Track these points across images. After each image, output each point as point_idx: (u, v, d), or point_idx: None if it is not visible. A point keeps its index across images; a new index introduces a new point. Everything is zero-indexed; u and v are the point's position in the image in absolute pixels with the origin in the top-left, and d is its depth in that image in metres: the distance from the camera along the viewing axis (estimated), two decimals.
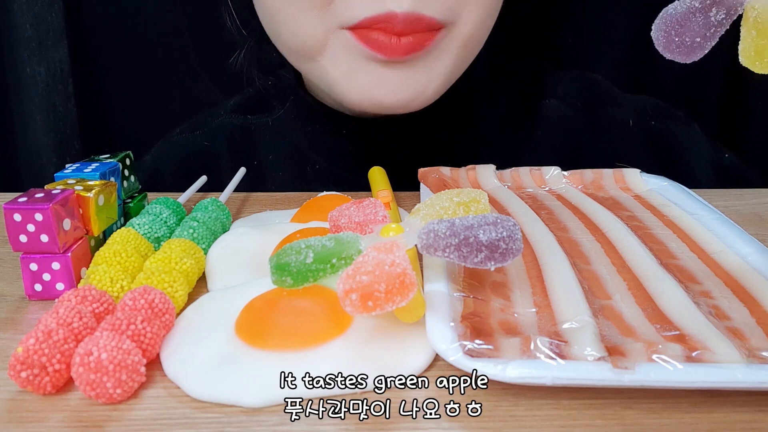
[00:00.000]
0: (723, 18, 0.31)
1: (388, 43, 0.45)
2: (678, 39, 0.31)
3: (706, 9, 0.31)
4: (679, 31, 0.31)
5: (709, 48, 0.31)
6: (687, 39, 0.31)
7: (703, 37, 0.31)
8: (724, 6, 0.30)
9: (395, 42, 0.45)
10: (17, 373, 0.29)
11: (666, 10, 0.31)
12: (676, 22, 0.31)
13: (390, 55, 0.45)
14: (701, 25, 0.31)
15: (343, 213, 0.36)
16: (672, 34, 0.31)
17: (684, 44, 0.31)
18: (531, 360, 0.29)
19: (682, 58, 0.32)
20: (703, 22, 0.31)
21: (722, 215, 0.44)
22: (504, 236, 0.30)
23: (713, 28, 0.31)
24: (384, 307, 0.28)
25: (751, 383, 0.28)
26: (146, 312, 0.32)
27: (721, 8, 0.31)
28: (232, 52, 0.63)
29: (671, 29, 0.31)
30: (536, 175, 0.52)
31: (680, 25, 0.31)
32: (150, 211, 0.44)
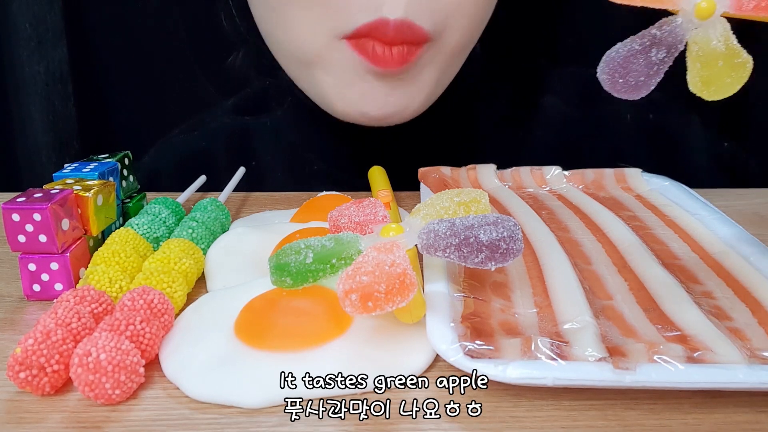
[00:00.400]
0: (664, 56, 0.32)
1: (382, 54, 0.45)
2: (622, 80, 0.32)
3: (646, 50, 0.32)
4: (622, 72, 0.32)
5: (654, 84, 0.33)
6: (631, 79, 0.32)
7: (647, 76, 0.32)
8: (664, 46, 0.32)
9: (388, 53, 0.45)
10: (16, 374, 0.29)
11: (608, 53, 0.33)
12: (619, 65, 0.32)
13: (384, 66, 0.46)
14: (643, 66, 0.32)
15: (343, 213, 0.36)
16: (615, 76, 0.32)
17: (629, 84, 0.32)
18: (532, 360, 0.29)
19: (629, 96, 0.33)
20: (645, 63, 0.32)
21: (724, 215, 0.44)
22: (504, 236, 0.30)
23: (655, 66, 0.32)
24: (384, 308, 0.28)
25: (753, 384, 0.28)
26: (145, 312, 0.32)
27: (661, 48, 0.32)
28: (230, 54, 0.63)
29: (614, 72, 0.32)
30: (537, 174, 0.52)
31: (623, 67, 0.32)
32: (149, 211, 0.43)
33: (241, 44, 0.62)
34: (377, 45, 0.45)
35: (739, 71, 0.33)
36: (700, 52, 0.33)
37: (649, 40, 0.32)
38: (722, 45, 0.33)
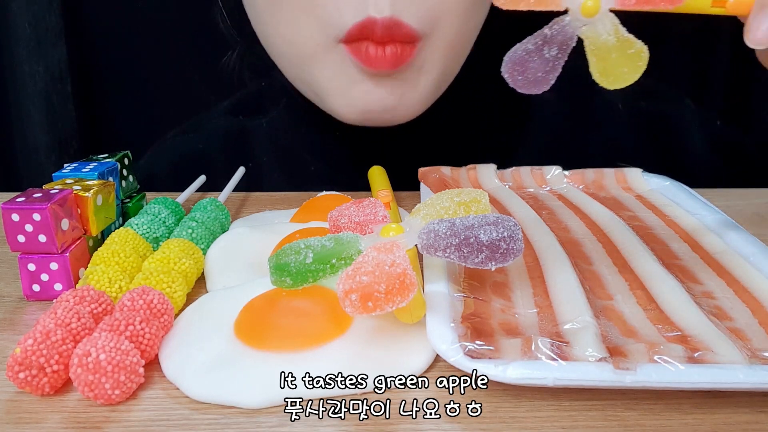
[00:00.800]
0: (557, 53, 0.35)
1: (375, 55, 0.46)
2: (521, 77, 0.35)
3: (539, 49, 0.34)
4: (520, 70, 0.35)
5: (553, 79, 0.35)
6: (530, 76, 0.35)
7: (544, 72, 0.35)
8: (555, 43, 0.34)
9: (381, 53, 0.46)
10: (15, 374, 0.29)
11: (508, 53, 0.35)
12: (517, 63, 0.35)
13: (377, 67, 0.46)
14: (538, 63, 0.35)
15: (342, 213, 0.36)
16: (515, 73, 0.35)
17: (528, 80, 0.35)
18: (532, 361, 0.28)
19: (531, 91, 0.35)
20: (540, 60, 0.35)
21: (724, 215, 0.44)
22: (505, 236, 0.30)
23: (551, 62, 0.35)
24: (384, 308, 0.28)
25: (753, 384, 0.28)
26: (145, 312, 0.32)
27: (552, 46, 0.34)
28: (225, 54, 0.63)
29: (514, 69, 0.35)
30: (537, 174, 0.52)
31: (520, 65, 0.35)
32: (148, 211, 0.43)
33: (236, 45, 0.62)
34: (370, 46, 0.46)
35: (634, 61, 0.35)
36: (593, 46, 0.35)
37: (541, 40, 0.34)
38: (613, 38, 0.35)
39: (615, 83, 0.36)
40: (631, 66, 0.35)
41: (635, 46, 0.35)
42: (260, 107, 0.65)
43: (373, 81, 0.48)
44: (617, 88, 0.36)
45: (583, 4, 0.34)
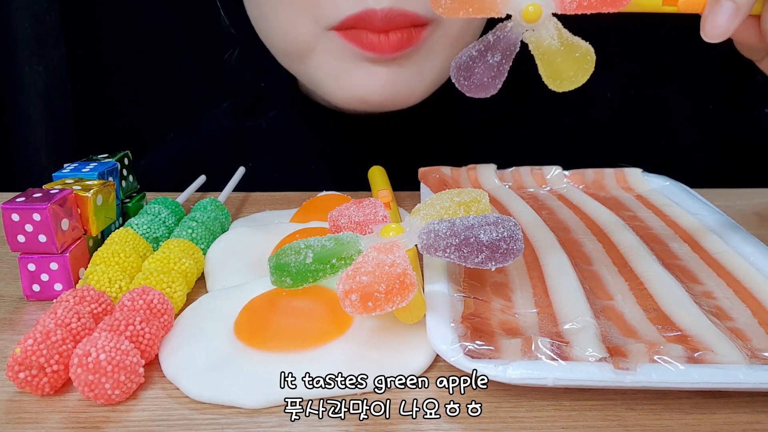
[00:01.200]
0: (500, 59, 0.35)
1: (377, 41, 0.45)
2: (467, 82, 0.36)
3: (483, 55, 0.35)
4: (466, 75, 0.36)
5: (499, 83, 0.36)
6: (476, 80, 0.36)
7: (489, 77, 0.36)
8: (498, 50, 0.35)
9: (384, 39, 0.45)
10: (15, 374, 0.29)
11: (454, 59, 0.36)
12: (462, 69, 0.36)
13: (380, 52, 0.46)
14: (483, 68, 0.35)
15: (342, 213, 0.36)
16: (461, 78, 0.36)
17: (475, 84, 0.36)
18: (532, 361, 0.28)
19: (478, 95, 0.36)
20: (484, 66, 0.35)
21: (724, 215, 0.44)
22: (505, 236, 0.30)
23: (495, 68, 0.36)
24: (384, 308, 0.28)
25: (753, 384, 0.28)
26: (145, 313, 0.32)
27: (495, 52, 0.35)
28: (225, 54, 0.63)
29: (460, 74, 0.36)
30: (537, 174, 0.52)
31: (466, 70, 0.36)
32: (148, 211, 0.43)
33: (236, 45, 0.62)
34: (369, 34, 0.45)
35: (581, 64, 0.35)
36: (538, 51, 0.36)
37: (485, 46, 0.35)
38: (556, 42, 0.35)
39: (563, 86, 0.36)
40: (578, 68, 0.36)
41: (580, 49, 0.35)
42: (260, 107, 0.65)
43: (370, 67, 0.47)
44: (567, 90, 0.36)
45: (524, 9, 0.34)
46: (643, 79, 0.64)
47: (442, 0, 0.34)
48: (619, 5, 0.34)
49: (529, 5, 0.34)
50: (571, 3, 0.34)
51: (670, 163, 0.58)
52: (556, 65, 0.36)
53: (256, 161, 0.62)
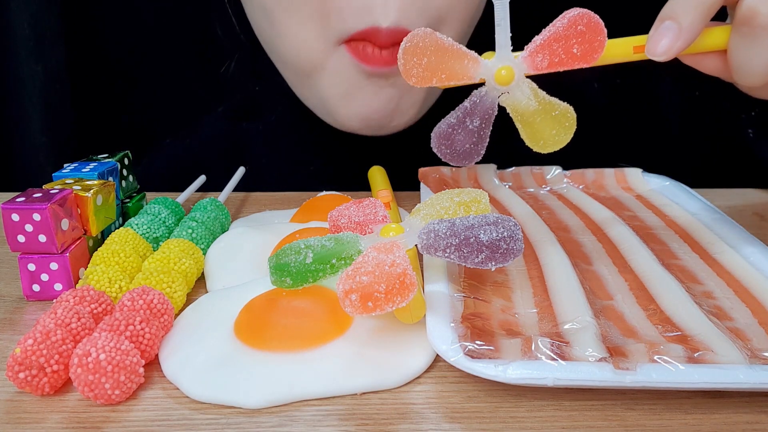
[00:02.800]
0: (479, 124, 0.36)
1: (371, 54, 0.46)
2: (449, 150, 0.36)
3: (462, 121, 0.36)
4: (447, 144, 0.36)
5: (482, 149, 0.37)
6: (458, 148, 0.36)
7: (471, 143, 0.36)
8: (477, 115, 0.36)
9: (377, 53, 0.46)
10: (15, 374, 0.29)
11: (435, 128, 0.36)
12: (443, 137, 0.36)
13: (373, 64, 0.47)
14: (464, 135, 0.36)
15: (343, 213, 0.36)
16: (443, 148, 0.36)
17: (457, 152, 0.36)
18: (532, 361, 0.28)
19: (464, 164, 0.37)
20: (464, 132, 0.36)
21: (724, 215, 0.44)
22: (505, 236, 0.30)
23: (476, 133, 0.36)
24: (384, 308, 0.28)
25: (753, 384, 0.28)
26: (145, 313, 0.32)
27: (474, 117, 0.36)
28: (225, 59, 0.63)
29: (442, 144, 0.36)
30: (537, 174, 0.52)
31: (446, 139, 0.36)
32: (148, 211, 0.43)
33: (236, 49, 0.62)
34: (368, 46, 0.46)
35: (561, 122, 0.36)
36: (515, 113, 0.36)
37: (462, 113, 0.36)
38: (534, 102, 0.36)
39: (547, 146, 0.37)
40: (560, 127, 0.36)
41: (559, 108, 0.36)
42: (260, 110, 0.65)
43: (373, 85, 0.48)
44: (551, 151, 0.37)
45: (496, 73, 0.35)
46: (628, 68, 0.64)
47: (414, 70, 0.35)
48: (590, 61, 0.35)
49: (501, 68, 0.35)
50: (542, 61, 0.35)
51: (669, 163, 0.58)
52: (536, 126, 0.36)
53: (255, 164, 0.62)
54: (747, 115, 0.62)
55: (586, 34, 0.34)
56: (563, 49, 0.35)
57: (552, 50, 0.35)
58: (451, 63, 0.35)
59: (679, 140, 0.64)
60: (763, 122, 0.61)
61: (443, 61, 0.35)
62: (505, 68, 0.35)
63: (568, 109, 0.36)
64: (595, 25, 0.34)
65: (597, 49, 0.35)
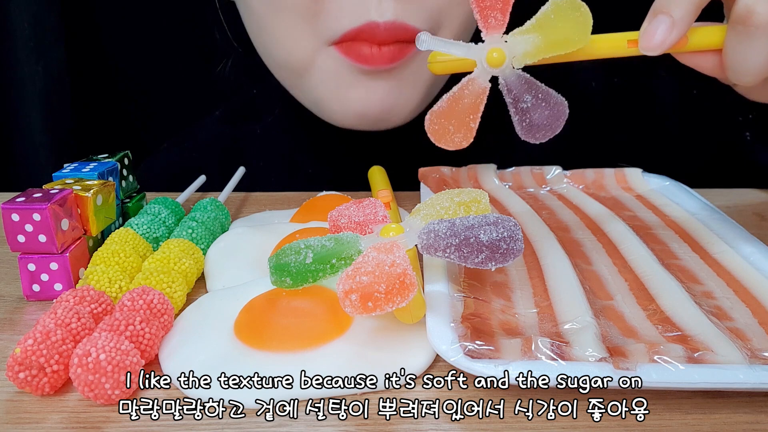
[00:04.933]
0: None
1: (369, 53, 0.46)
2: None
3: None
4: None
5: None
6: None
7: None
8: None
9: (376, 51, 0.46)
10: (15, 374, 0.29)
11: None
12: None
13: (372, 64, 0.46)
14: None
15: (343, 213, 0.36)
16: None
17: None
18: (532, 361, 0.28)
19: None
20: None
21: (724, 215, 0.44)
22: (505, 236, 0.30)
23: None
24: (384, 308, 0.28)
25: (753, 384, 0.28)
26: (145, 313, 0.32)
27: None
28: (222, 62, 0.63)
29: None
30: (537, 174, 0.52)
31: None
32: (148, 211, 0.43)
33: (233, 52, 0.62)
34: (364, 46, 0.46)
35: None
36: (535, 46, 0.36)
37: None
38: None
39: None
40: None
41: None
42: (258, 111, 0.65)
43: (368, 82, 0.48)
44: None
45: (488, 54, 0.36)
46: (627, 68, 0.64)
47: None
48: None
49: (493, 50, 0.36)
50: None
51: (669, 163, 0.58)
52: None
53: (253, 166, 0.62)
54: (744, 118, 0.62)
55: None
56: None
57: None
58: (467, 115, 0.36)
59: (678, 140, 0.65)
60: (759, 125, 0.61)
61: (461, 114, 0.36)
62: (496, 50, 0.36)
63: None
64: None
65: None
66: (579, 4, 0.34)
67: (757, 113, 0.59)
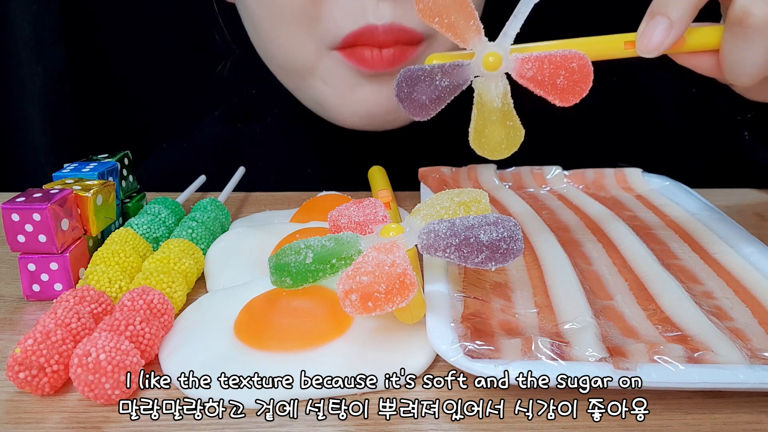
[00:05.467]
0: (446, 85, 0.36)
1: (370, 57, 0.46)
2: (407, 92, 0.36)
3: (434, 74, 0.36)
4: (409, 85, 0.36)
5: (436, 110, 0.37)
6: (415, 95, 0.36)
7: (430, 99, 0.37)
8: (449, 77, 0.36)
9: (377, 54, 0.46)
10: (15, 374, 0.29)
11: (406, 68, 0.36)
12: (409, 78, 0.36)
13: (373, 68, 0.47)
14: (428, 87, 0.36)
15: (343, 213, 0.36)
16: (404, 86, 0.36)
17: (412, 99, 0.36)
18: (532, 361, 0.28)
19: (414, 115, 0.37)
20: (430, 85, 0.36)
21: (724, 215, 0.44)
22: (505, 236, 0.30)
23: (438, 91, 0.36)
24: (384, 308, 0.28)
25: (753, 384, 0.28)
26: (145, 312, 0.32)
27: (445, 78, 0.36)
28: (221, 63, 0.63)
29: (404, 83, 0.36)
30: (537, 174, 0.52)
31: (411, 81, 0.36)
32: (148, 211, 0.43)
33: (232, 52, 0.62)
34: (365, 49, 0.46)
35: (510, 134, 0.38)
36: (478, 101, 0.37)
37: (439, 68, 0.36)
38: (498, 102, 0.37)
39: (484, 149, 0.38)
40: (507, 137, 0.38)
41: (515, 122, 0.37)
42: (258, 111, 0.65)
43: (373, 84, 0.48)
44: (486, 156, 0.38)
45: (485, 55, 0.36)
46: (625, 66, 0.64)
47: (426, 1, 0.36)
48: (563, 100, 0.36)
49: (491, 54, 0.36)
50: (528, 72, 0.36)
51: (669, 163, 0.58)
52: (489, 123, 0.37)
53: (253, 166, 0.62)
54: (743, 117, 0.62)
55: (576, 74, 0.35)
56: (550, 74, 0.35)
57: (541, 68, 0.35)
58: (459, 15, 0.36)
59: (678, 140, 0.65)
60: (758, 125, 0.61)
61: (454, 8, 0.36)
62: (494, 55, 0.36)
63: (521, 130, 0.37)
64: (587, 72, 0.35)
65: (575, 92, 0.36)
66: None
67: (756, 112, 0.59)
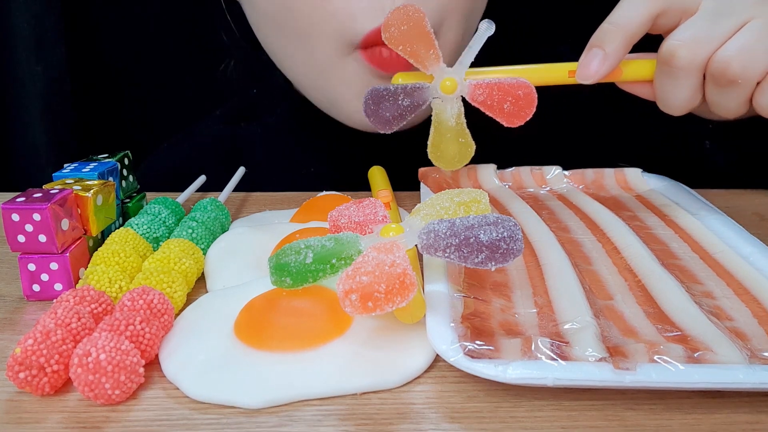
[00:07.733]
0: (408, 104, 0.41)
1: (389, 58, 0.46)
2: (372, 109, 0.41)
3: (397, 94, 0.41)
4: (375, 102, 0.41)
5: (397, 126, 0.42)
6: (380, 112, 0.41)
7: (393, 116, 0.42)
8: (410, 98, 0.41)
9: (394, 55, 0.47)
10: (15, 374, 0.29)
11: (371, 87, 0.42)
12: (376, 96, 0.41)
13: (389, 70, 0.47)
14: (391, 105, 0.41)
15: (343, 213, 0.36)
16: (370, 103, 0.41)
17: (378, 115, 0.42)
18: (532, 361, 0.28)
19: (379, 128, 0.42)
20: (393, 103, 0.41)
21: (724, 215, 0.44)
22: (505, 236, 0.30)
23: (400, 110, 0.41)
24: (384, 308, 0.28)
25: (753, 384, 0.28)
26: (145, 312, 0.32)
27: (407, 98, 0.41)
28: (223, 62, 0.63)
29: (370, 100, 0.41)
30: (537, 174, 0.52)
31: (377, 98, 0.41)
32: (149, 211, 0.43)
33: (234, 52, 0.62)
34: (384, 49, 0.46)
35: (462, 150, 0.43)
36: (436, 118, 0.43)
37: (402, 89, 0.41)
38: (453, 122, 0.42)
39: (440, 161, 0.44)
40: (458, 152, 0.43)
41: (467, 139, 0.43)
42: (259, 111, 0.65)
43: None
44: (442, 167, 0.44)
45: (443, 80, 0.41)
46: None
47: (392, 29, 0.41)
48: (509, 121, 0.42)
49: (448, 80, 0.41)
50: (479, 96, 0.41)
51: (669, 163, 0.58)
52: (444, 139, 0.43)
53: (254, 166, 0.62)
54: (704, 128, 0.63)
55: (521, 100, 0.41)
56: (498, 99, 0.41)
57: (491, 94, 0.41)
58: (421, 44, 0.41)
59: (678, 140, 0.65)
60: (718, 133, 0.61)
61: (416, 38, 0.41)
62: (451, 80, 0.41)
63: (472, 145, 0.43)
64: (531, 99, 0.41)
65: (520, 116, 0.41)
66: None
67: (715, 123, 0.60)
